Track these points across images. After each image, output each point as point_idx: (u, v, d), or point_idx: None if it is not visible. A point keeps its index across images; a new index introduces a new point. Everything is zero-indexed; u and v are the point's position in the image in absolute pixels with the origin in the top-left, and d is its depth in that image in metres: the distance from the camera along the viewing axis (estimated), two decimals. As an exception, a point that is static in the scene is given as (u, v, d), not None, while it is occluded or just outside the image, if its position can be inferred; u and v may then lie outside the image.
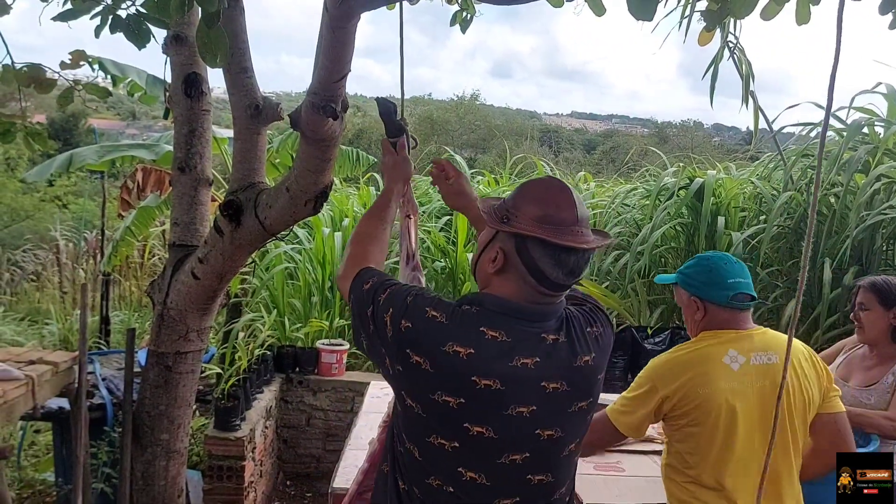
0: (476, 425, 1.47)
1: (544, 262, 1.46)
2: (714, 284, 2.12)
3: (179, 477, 3.06)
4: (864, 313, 2.69)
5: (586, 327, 1.57)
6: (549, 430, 1.51)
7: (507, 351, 1.46)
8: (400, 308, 1.50)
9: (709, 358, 2.06)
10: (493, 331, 1.46)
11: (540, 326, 1.50)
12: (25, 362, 2.93)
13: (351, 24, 1.93)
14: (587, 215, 1.53)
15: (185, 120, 2.87)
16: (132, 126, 24.93)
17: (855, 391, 2.66)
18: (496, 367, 1.45)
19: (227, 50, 1.73)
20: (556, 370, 1.50)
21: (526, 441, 1.50)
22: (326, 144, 2.28)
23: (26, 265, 8.76)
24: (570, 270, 1.48)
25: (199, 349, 2.97)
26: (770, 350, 2.11)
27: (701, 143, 24.63)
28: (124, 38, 1.92)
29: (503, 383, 1.45)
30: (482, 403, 1.46)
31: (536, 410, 1.49)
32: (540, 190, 1.54)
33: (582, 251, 1.48)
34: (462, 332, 1.46)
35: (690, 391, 2.02)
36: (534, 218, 1.48)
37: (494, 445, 1.49)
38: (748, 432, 2.03)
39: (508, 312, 1.49)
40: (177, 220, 2.93)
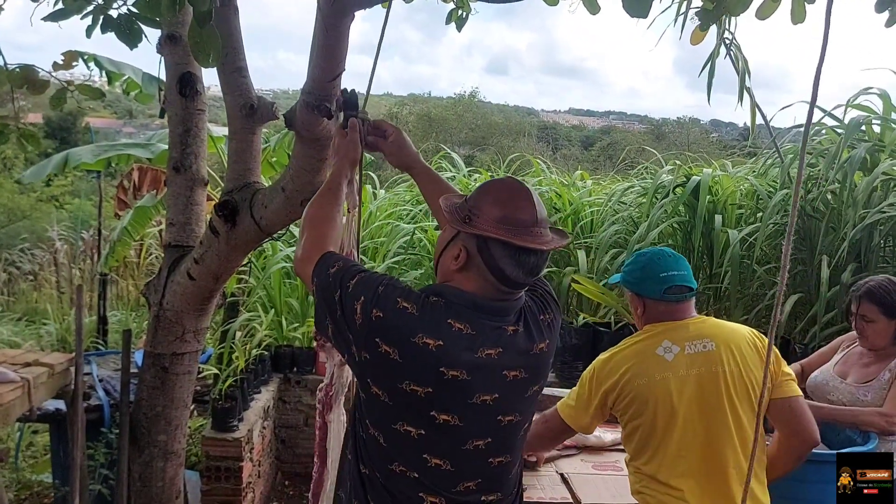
0: (442, 413, 1.53)
1: (505, 263, 1.51)
2: (647, 279, 2.18)
3: (177, 478, 3.06)
4: (868, 325, 2.64)
5: (539, 315, 1.64)
6: (509, 416, 1.59)
7: (472, 343, 1.51)
8: (371, 297, 1.52)
9: (643, 350, 2.13)
10: (459, 323, 1.51)
11: (502, 320, 1.57)
12: (21, 364, 2.92)
13: (344, 24, 1.93)
14: (545, 215, 1.59)
15: (180, 119, 2.86)
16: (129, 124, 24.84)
17: (852, 388, 2.65)
18: (463, 358, 1.50)
19: (219, 49, 1.72)
20: (515, 359, 1.57)
21: (488, 427, 1.57)
22: (321, 144, 2.28)
23: (23, 265, 8.73)
24: (529, 270, 1.54)
25: (196, 350, 2.96)
26: (705, 337, 2.13)
27: (698, 139, 24.63)
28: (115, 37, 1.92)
29: (469, 373, 1.51)
30: (449, 393, 1.51)
31: (499, 398, 1.56)
32: (500, 191, 1.58)
33: (541, 252, 1.54)
34: (431, 325, 1.50)
35: (627, 384, 2.09)
36: (494, 219, 1.52)
37: (459, 432, 1.55)
38: (688, 421, 2.05)
39: (472, 307, 1.54)
40: (172, 220, 2.92)
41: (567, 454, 2.78)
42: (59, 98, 2.39)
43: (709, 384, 2.08)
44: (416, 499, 1.56)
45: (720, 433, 2.06)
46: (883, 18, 1.52)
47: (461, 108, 27.10)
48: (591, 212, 5.72)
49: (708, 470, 2.05)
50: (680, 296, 2.16)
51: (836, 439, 2.55)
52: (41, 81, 2.34)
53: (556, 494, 2.41)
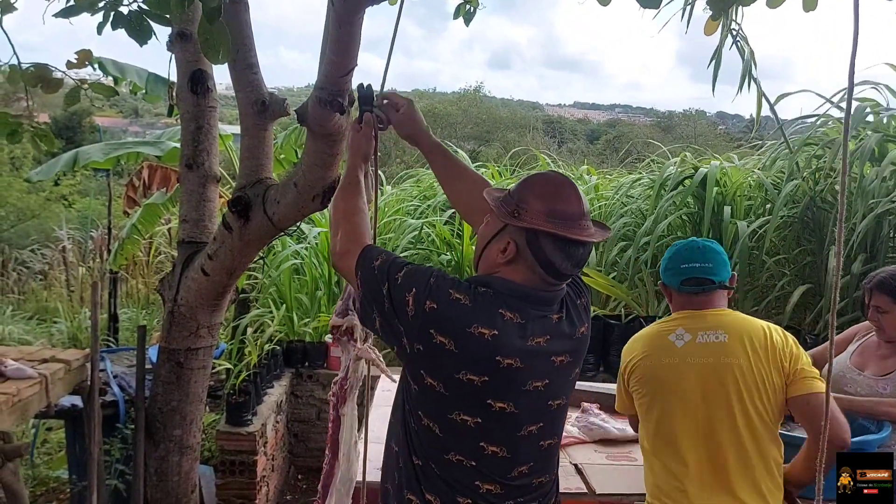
0: (498, 401, 1.56)
1: (555, 256, 1.54)
2: (669, 270, 2.24)
3: (192, 472, 3.08)
4: (882, 316, 2.64)
5: (577, 300, 1.69)
6: (557, 400, 1.65)
7: (523, 332, 1.55)
8: (424, 288, 1.54)
9: (658, 334, 2.20)
10: (510, 312, 1.54)
11: (549, 309, 1.61)
12: (38, 361, 2.95)
13: (357, 19, 1.93)
14: (588, 208, 1.62)
15: (192, 117, 2.88)
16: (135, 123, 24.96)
17: (871, 380, 2.64)
18: (516, 346, 1.54)
19: (229, 45, 1.74)
20: (562, 345, 1.61)
21: (540, 412, 1.62)
22: (334, 139, 2.29)
23: (33, 264, 8.78)
24: (577, 261, 1.58)
25: (210, 345, 2.99)
26: (719, 329, 2.14)
27: (705, 131, 24.54)
28: (126, 34, 1.93)
29: (522, 361, 1.55)
30: (504, 381, 1.55)
31: (549, 383, 1.61)
32: (547, 185, 1.61)
33: (588, 243, 1.58)
34: (485, 315, 1.52)
35: (638, 364, 2.18)
36: (543, 213, 1.55)
37: (515, 419, 1.59)
38: (689, 408, 2.08)
39: (520, 297, 1.56)
40: (185, 216, 2.94)
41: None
42: (73, 96, 2.41)
43: (716, 374, 2.09)
44: (473, 487, 1.58)
45: (722, 423, 2.07)
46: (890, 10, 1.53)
47: (466, 103, 27.03)
48: (599, 206, 5.73)
49: (709, 458, 2.06)
50: (697, 288, 2.17)
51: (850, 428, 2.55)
52: (55, 80, 2.35)
53: (570, 485, 2.42)
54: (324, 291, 5.03)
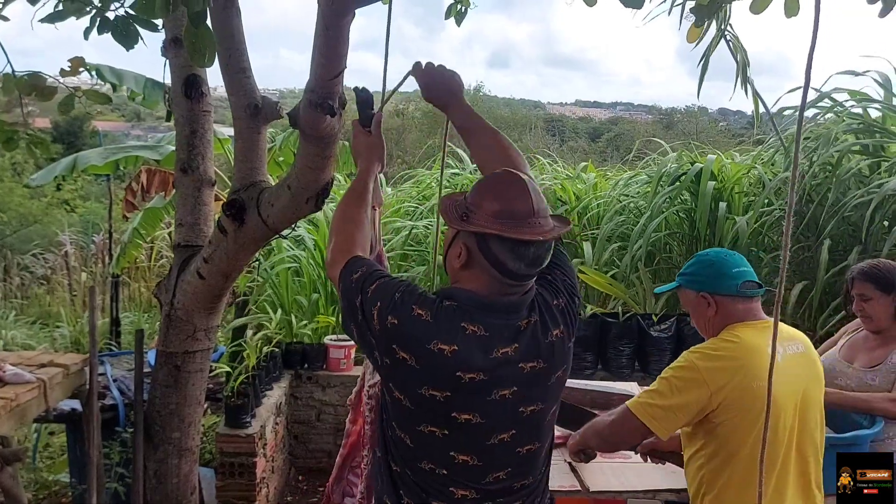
0: (463, 413, 1.55)
1: (505, 256, 1.52)
2: (720, 276, 2.08)
3: (192, 474, 3.10)
4: (867, 304, 2.66)
5: (552, 301, 1.64)
6: (531, 406, 1.60)
7: (487, 344, 1.53)
8: (388, 304, 1.54)
9: (756, 349, 1.96)
10: (473, 325, 1.52)
11: (515, 317, 1.57)
12: (37, 365, 2.97)
13: (345, 22, 1.95)
14: (544, 204, 1.58)
15: (186, 121, 2.89)
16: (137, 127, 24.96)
17: (860, 372, 2.66)
18: (478, 360, 1.52)
19: (214, 49, 1.75)
20: (532, 351, 1.57)
21: (511, 420, 1.59)
22: (326, 141, 2.30)
23: (36, 269, 8.82)
24: (531, 261, 1.54)
25: (208, 348, 3.00)
26: (796, 340, 2.10)
27: (706, 128, 24.48)
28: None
29: (486, 373, 1.53)
30: (468, 394, 1.53)
31: (517, 391, 1.57)
32: (495, 185, 1.59)
33: (540, 242, 1.54)
34: (445, 330, 1.51)
35: (745, 384, 1.92)
36: (491, 214, 1.53)
37: (482, 429, 1.56)
38: (787, 427, 1.99)
39: (483, 308, 1.55)
40: (181, 220, 2.96)
41: None
42: (67, 104, 2.43)
43: (810, 389, 2.04)
44: (447, 493, 1.60)
45: (812, 438, 2.04)
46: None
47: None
48: (597, 204, 5.74)
49: (801, 472, 2.03)
50: (755, 291, 2.07)
51: (842, 423, 2.56)
52: (49, 88, 2.37)
53: (564, 483, 2.43)
54: (321, 293, 5.05)
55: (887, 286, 2.62)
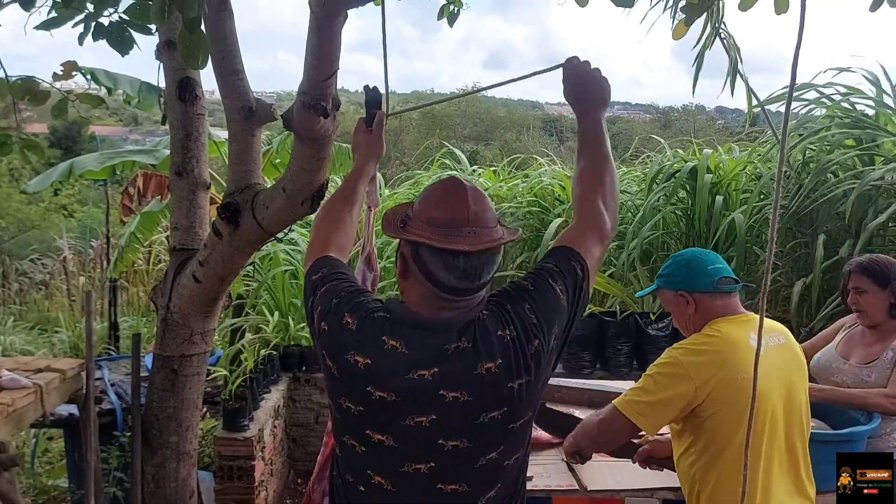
0: (377, 433, 1.47)
1: (435, 267, 1.43)
2: (697, 274, 2.13)
3: (190, 478, 3.09)
4: (862, 297, 2.68)
5: (496, 331, 1.44)
6: (453, 441, 1.45)
7: (405, 362, 1.42)
8: (325, 308, 1.51)
9: (737, 341, 2.00)
10: (394, 340, 1.43)
11: (443, 338, 1.44)
12: (33, 370, 2.97)
13: (336, 23, 1.95)
14: (487, 215, 1.47)
15: (181, 124, 2.89)
16: (135, 132, 24.99)
17: (856, 368, 2.66)
18: (391, 379, 1.42)
19: (208, 52, 1.75)
20: (456, 379, 1.42)
21: (430, 451, 1.46)
22: (320, 143, 2.30)
23: (34, 275, 8.81)
24: (461, 273, 1.42)
25: (204, 351, 3.00)
26: (777, 331, 2.13)
27: (704, 126, 24.50)
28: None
29: (398, 395, 1.43)
30: (379, 412, 1.45)
31: (436, 420, 1.43)
32: (435, 192, 1.51)
33: (470, 253, 1.41)
34: (365, 342, 1.44)
35: (729, 377, 1.95)
36: (426, 222, 1.45)
37: (395, 454, 1.47)
38: (776, 418, 2.01)
39: (411, 323, 1.45)
40: (176, 224, 2.96)
41: None
42: (60, 108, 2.42)
43: (790, 379, 2.07)
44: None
45: (800, 428, 2.06)
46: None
47: (464, 103, 27.03)
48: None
49: (790, 463, 2.05)
50: (732, 286, 2.11)
51: (839, 419, 2.56)
52: (42, 92, 2.36)
53: (561, 482, 2.43)
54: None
55: (883, 280, 2.63)
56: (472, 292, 1.46)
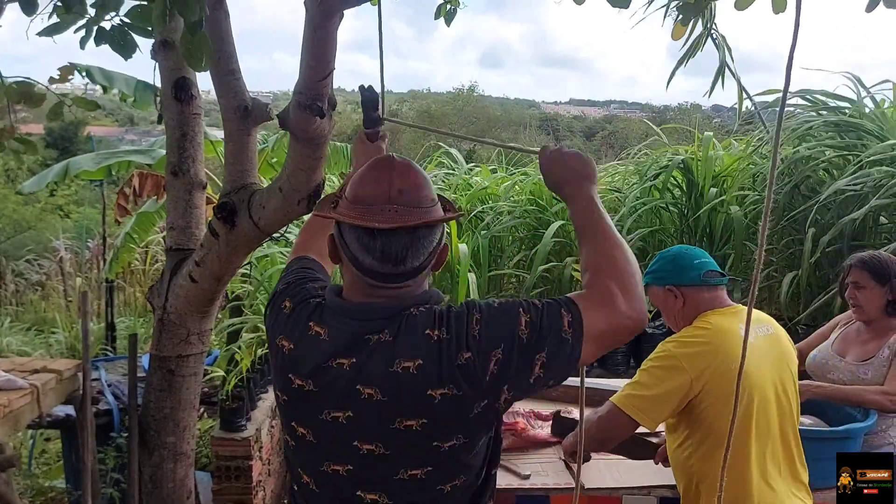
0: (299, 426, 1.39)
1: (355, 248, 1.33)
2: (683, 268, 2.16)
3: (188, 479, 3.09)
4: (860, 292, 2.69)
5: (424, 328, 1.30)
6: (368, 444, 1.33)
7: (325, 349, 1.33)
8: (273, 295, 1.50)
9: (728, 332, 2.01)
10: (319, 326, 1.35)
11: (365, 325, 1.32)
12: (29, 371, 2.97)
13: (332, 23, 1.94)
14: (415, 192, 1.33)
15: (177, 124, 2.89)
16: (131, 132, 24.96)
17: (852, 366, 2.67)
18: (311, 367, 1.34)
19: (210, 54, 1.75)
20: (371, 373, 1.30)
21: (346, 452, 1.35)
22: (316, 143, 2.29)
23: (30, 275, 8.80)
24: (381, 255, 1.31)
25: (201, 352, 2.99)
26: (764, 322, 2.17)
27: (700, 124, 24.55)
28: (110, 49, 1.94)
29: (315, 384, 1.34)
30: (299, 403, 1.38)
31: (352, 418, 1.32)
32: (363, 170, 1.38)
33: (389, 232, 1.29)
34: (292, 326, 1.39)
35: (723, 367, 1.95)
36: (351, 200, 1.34)
37: (315, 451, 1.38)
38: (770, 407, 2.04)
39: (338, 308, 1.36)
40: (172, 224, 2.96)
41: None
42: (56, 112, 2.42)
43: (780, 368, 2.10)
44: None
45: (791, 416, 2.09)
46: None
47: (461, 102, 27.07)
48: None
49: (785, 453, 2.07)
50: (719, 280, 2.14)
51: (836, 416, 2.57)
52: (38, 95, 2.36)
53: (559, 480, 2.44)
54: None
55: (882, 277, 2.64)
56: (399, 279, 1.34)
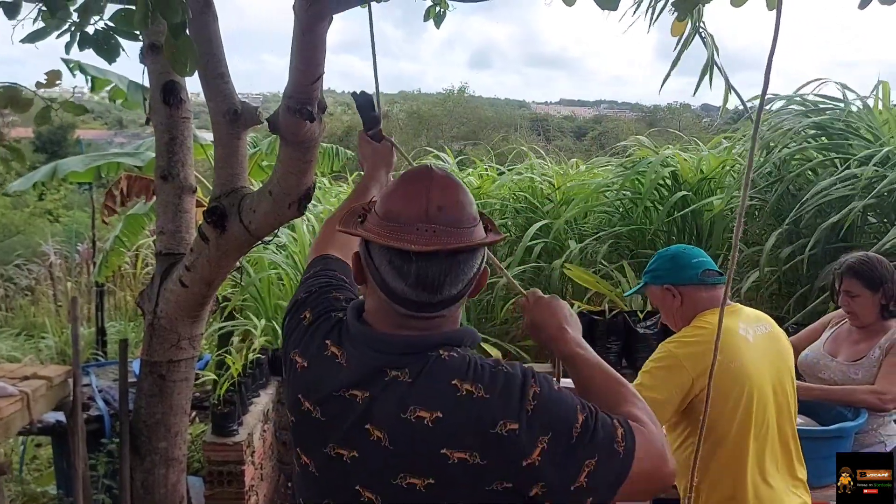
0: (304, 454, 1.27)
1: (385, 271, 1.17)
2: (681, 267, 2.16)
3: (179, 484, 3.08)
4: (853, 300, 2.67)
5: (452, 378, 1.13)
6: (368, 492, 1.18)
7: (341, 378, 1.20)
8: (293, 303, 1.40)
9: (727, 331, 1.95)
10: (336, 347, 1.23)
11: (386, 358, 1.18)
12: (20, 378, 2.95)
13: (321, 27, 1.94)
14: (455, 210, 1.18)
15: (166, 128, 2.88)
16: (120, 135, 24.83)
17: (843, 366, 2.68)
18: (322, 391, 1.22)
19: (195, 58, 1.74)
20: (383, 415, 1.16)
21: (347, 495, 1.20)
22: (306, 147, 2.29)
23: (19, 280, 8.74)
24: (416, 281, 1.15)
25: (192, 356, 2.98)
26: (763, 321, 2.17)
27: (689, 124, 24.63)
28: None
29: (323, 413, 1.21)
30: (306, 429, 1.26)
31: (358, 459, 1.18)
32: (398, 182, 1.24)
33: (426, 256, 1.14)
34: (308, 342, 1.28)
35: (723, 366, 1.92)
36: (382, 216, 1.19)
37: (317, 484, 1.26)
38: (769, 404, 2.05)
39: (359, 333, 1.22)
40: (162, 228, 2.94)
41: None
42: (43, 116, 2.41)
43: (778, 366, 2.11)
44: None
45: (789, 414, 2.10)
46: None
47: (451, 103, 27.05)
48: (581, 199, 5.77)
49: (783, 450, 2.08)
50: (716, 279, 2.14)
51: (827, 416, 2.58)
52: (25, 100, 2.35)
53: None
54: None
55: (874, 283, 2.63)
56: (435, 308, 1.19)
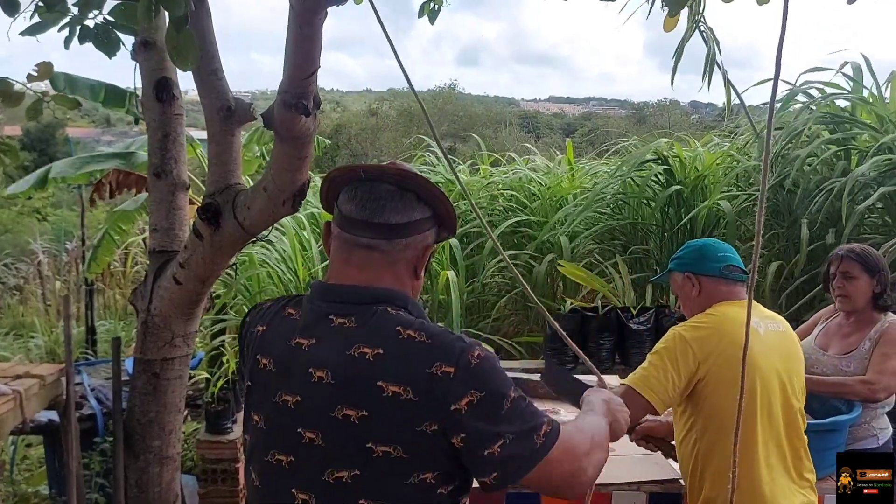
0: (255, 412, 1.34)
1: (341, 201, 1.33)
2: (705, 258, 2.20)
3: (174, 482, 3.06)
4: (849, 282, 2.71)
5: (397, 325, 1.24)
6: (309, 432, 1.24)
7: (291, 330, 1.31)
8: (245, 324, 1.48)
9: (736, 320, 1.99)
10: (293, 309, 1.35)
11: (333, 307, 1.28)
12: (12, 377, 2.93)
13: (317, 20, 1.93)
14: (420, 177, 1.33)
15: (158, 125, 2.86)
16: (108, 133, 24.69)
17: (834, 359, 2.70)
18: (275, 345, 1.31)
19: (197, 52, 1.74)
20: (326, 355, 1.24)
21: (290, 439, 1.26)
22: (301, 142, 2.28)
23: (8, 279, 8.68)
24: (362, 200, 1.30)
25: (186, 354, 2.96)
26: (776, 320, 2.21)
27: (679, 121, 24.74)
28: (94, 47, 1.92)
29: (275, 364, 1.30)
30: (260, 387, 1.33)
31: (300, 402, 1.25)
32: None
33: (376, 179, 1.31)
34: (270, 314, 1.38)
35: (729, 352, 1.98)
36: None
37: (263, 438, 1.31)
38: (775, 398, 2.06)
39: (315, 290, 1.34)
40: (156, 226, 2.92)
41: None
42: (34, 109, 2.39)
43: (788, 363, 2.13)
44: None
45: (794, 408, 2.12)
46: None
47: (441, 100, 27.04)
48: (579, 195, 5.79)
49: (789, 447, 2.09)
50: (738, 275, 2.16)
51: (821, 409, 2.59)
52: (16, 94, 2.33)
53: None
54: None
55: (872, 268, 2.68)
56: (373, 230, 1.29)
